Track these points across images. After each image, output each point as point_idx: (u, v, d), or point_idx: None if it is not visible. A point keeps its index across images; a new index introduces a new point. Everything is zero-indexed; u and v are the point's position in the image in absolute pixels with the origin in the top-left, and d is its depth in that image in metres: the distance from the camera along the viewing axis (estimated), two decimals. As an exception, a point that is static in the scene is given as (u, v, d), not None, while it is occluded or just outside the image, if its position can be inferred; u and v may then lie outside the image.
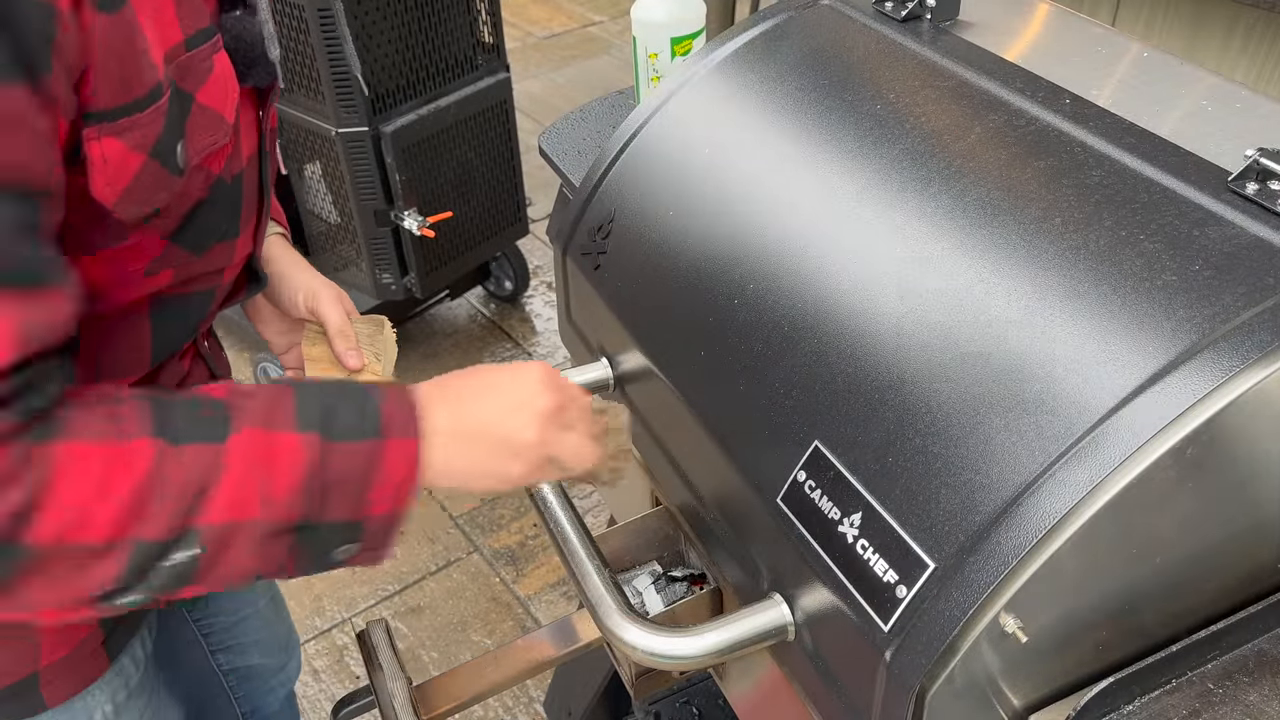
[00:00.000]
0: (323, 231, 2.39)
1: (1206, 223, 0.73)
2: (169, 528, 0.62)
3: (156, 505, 0.61)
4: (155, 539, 0.61)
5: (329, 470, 0.66)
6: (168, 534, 0.62)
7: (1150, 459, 0.63)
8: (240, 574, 0.66)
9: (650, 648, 0.80)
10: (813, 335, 0.83)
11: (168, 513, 0.61)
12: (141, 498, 0.61)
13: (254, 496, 0.64)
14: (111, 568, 0.61)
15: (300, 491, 0.65)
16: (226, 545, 0.64)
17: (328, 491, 0.66)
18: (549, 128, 1.44)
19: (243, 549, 0.65)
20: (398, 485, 0.69)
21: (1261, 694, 0.73)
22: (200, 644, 1.16)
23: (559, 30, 4.57)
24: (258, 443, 0.65)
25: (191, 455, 0.63)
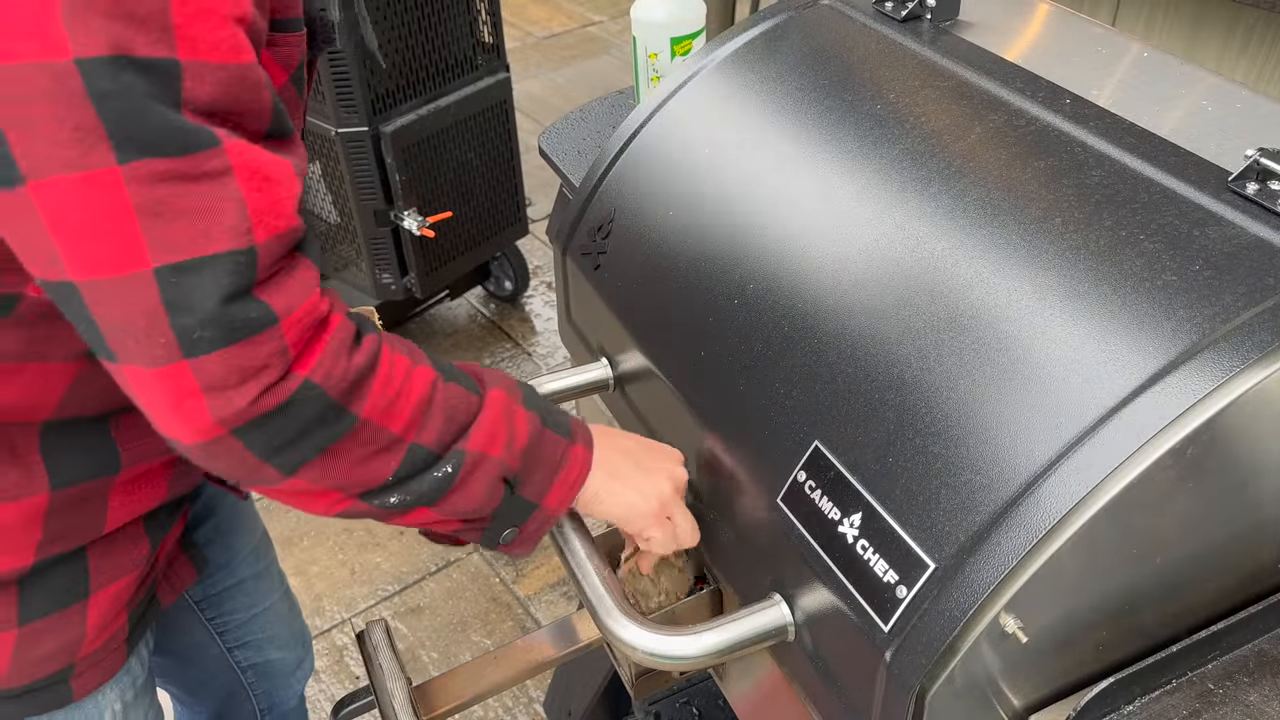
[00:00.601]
0: (322, 231, 2.39)
1: (1206, 223, 0.73)
2: (440, 441, 0.72)
3: (433, 418, 0.72)
4: (429, 447, 0.72)
5: (540, 447, 0.78)
6: (438, 445, 0.72)
7: (1150, 459, 0.63)
8: (469, 506, 0.76)
9: (650, 648, 0.80)
10: (813, 335, 0.83)
11: (440, 428, 0.72)
12: (425, 408, 0.71)
13: (501, 438, 0.76)
14: (392, 462, 0.70)
15: (527, 450, 0.77)
16: (475, 470, 0.74)
17: (535, 462, 0.78)
18: (549, 128, 1.44)
19: (481, 481, 0.75)
20: (570, 484, 0.81)
21: (1261, 694, 0.73)
22: (216, 641, 1.18)
23: (559, 30, 4.57)
24: (505, 401, 0.77)
25: (457, 392, 0.74)
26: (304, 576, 2.23)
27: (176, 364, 0.60)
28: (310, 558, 2.27)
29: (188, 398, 0.61)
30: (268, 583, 1.21)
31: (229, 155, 0.59)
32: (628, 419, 1.08)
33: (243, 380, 0.62)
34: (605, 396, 1.11)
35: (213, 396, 0.61)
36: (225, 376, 0.61)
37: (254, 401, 0.62)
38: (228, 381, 0.61)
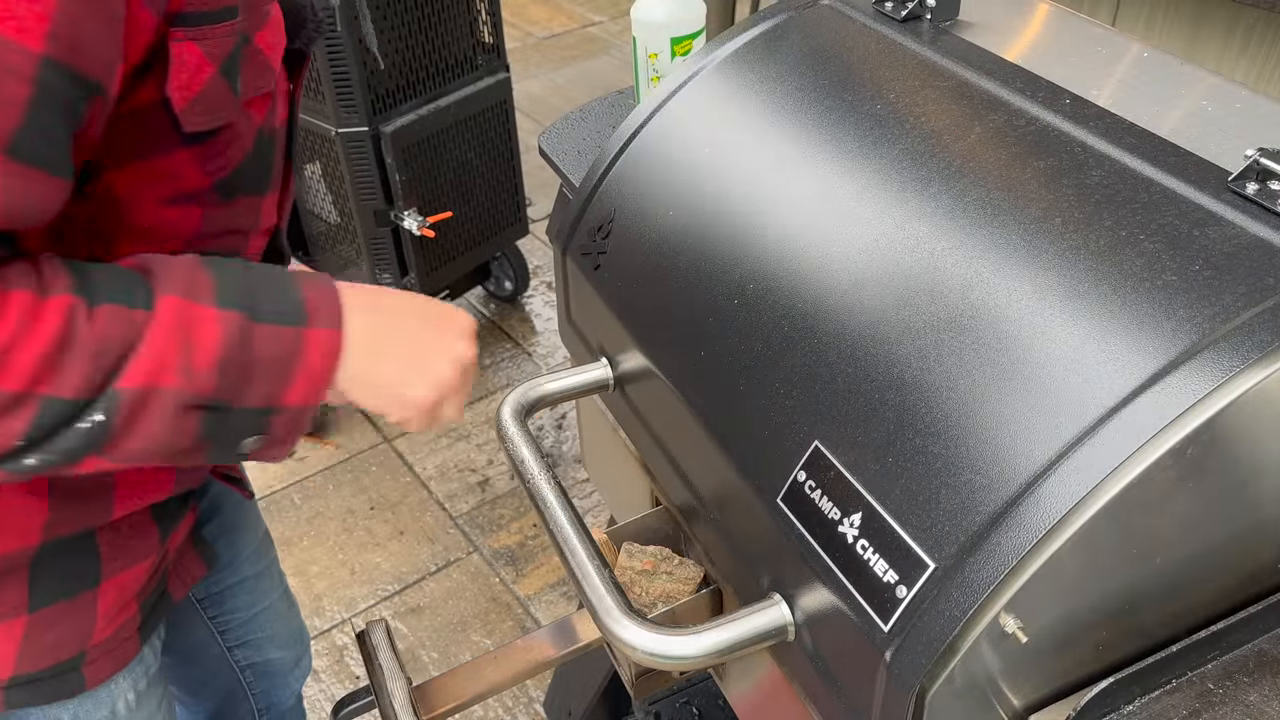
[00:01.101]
0: (323, 231, 2.39)
1: (1206, 223, 0.73)
2: (83, 387, 0.61)
3: (71, 362, 0.60)
4: (68, 397, 0.60)
5: (251, 350, 0.66)
6: (82, 393, 0.61)
7: (1150, 459, 0.63)
8: (148, 447, 0.65)
9: (650, 648, 0.80)
10: (813, 335, 0.83)
11: (82, 371, 0.60)
12: (56, 352, 0.59)
13: (174, 364, 0.63)
14: (19, 423, 0.60)
15: (220, 366, 0.65)
16: (139, 412, 0.63)
17: (248, 372, 0.66)
18: (549, 128, 1.44)
19: (155, 418, 0.64)
20: (315, 376, 0.69)
21: (1261, 694, 0.73)
22: (217, 640, 1.18)
23: (559, 30, 4.57)
24: (179, 311, 0.64)
25: (108, 315, 0.61)
26: (304, 576, 2.23)
27: None
28: (310, 558, 2.27)
29: None
30: (268, 581, 1.21)
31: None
32: (628, 419, 1.08)
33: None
34: (605, 396, 1.11)
35: None
36: None
37: None
38: None
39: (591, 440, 1.39)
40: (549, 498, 0.95)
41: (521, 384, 1.05)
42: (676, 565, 1.04)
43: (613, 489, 1.35)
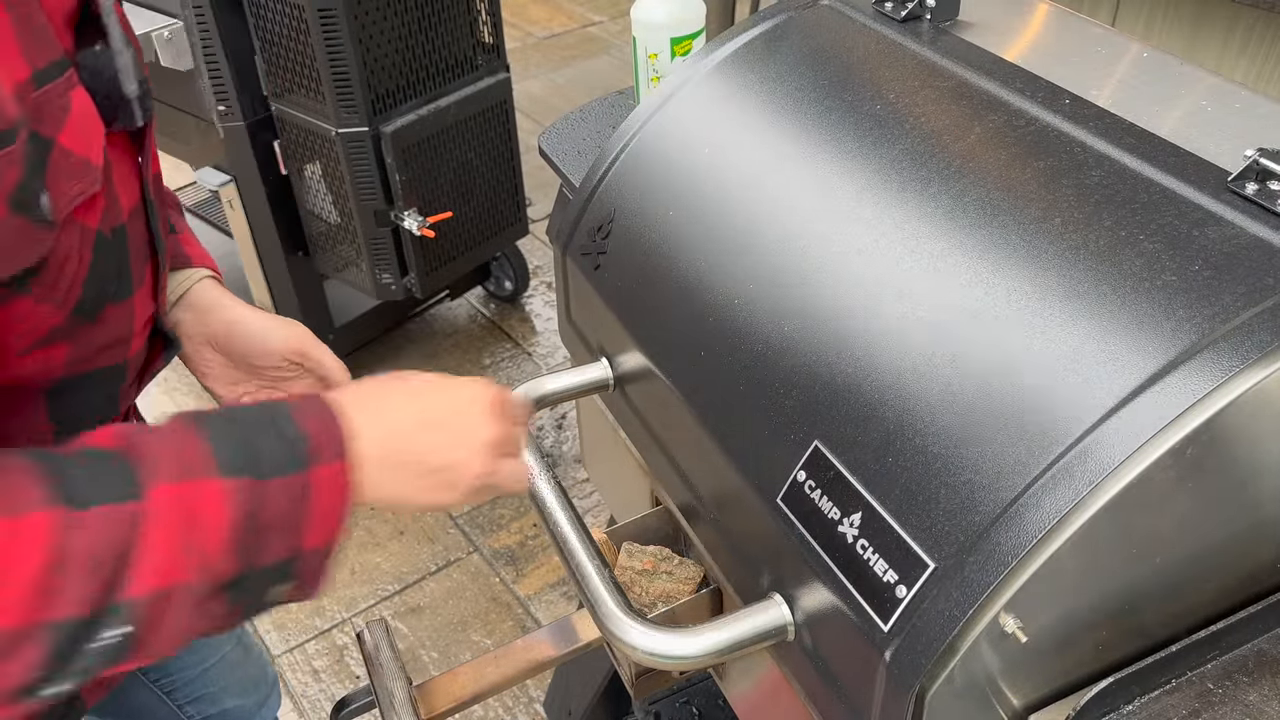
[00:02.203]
0: (323, 231, 2.38)
1: (1206, 223, 0.73)
2: (88, 605, 0.55)
3: (67, 582, 0.54)
4: (74, 618, 0.55)
5: (264, 513, 0.60)
6: (88, 612, 0.55)
7: (1150, 459, 0.63)
8: (180, 639, 0.61)
9: (650, 648, 0.80)
10: (813, 335, 0.83)
11: (83, 589, 0.54)
12: (47, 576, 0.53)
13: (183, 558, 0.58)
14: (30, 656, 0.54)
15: (235, 544, 0.59)
16: (161, 615, 0.58)
17: (263, 535, 0.61)
18: (549, 128, 1.44)
19: (179, 615, 0.59)
20: (329, 514, 0.64)
21: (1261, 694, 0.73)
22: (165, 702, 1.09)
23: (559, 30, 4.57)
24: (177, 499, 0.58)
25: (96, 525, 0.55)
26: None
27: None
28: (310, 558, 2.27)
29: None
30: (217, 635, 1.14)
31: None
32: (628, 419, 1.08)
33: None
34: (605, 396, 1.11)
35: None
36: None
37: None
38: None
39: (591, 440, 1.39)
40: (549, 498, 0.96)
41: (521, 384, 1.05)
42: (676, 565, 1.04)
43: (613, 489, 1.35)
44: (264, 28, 2.08)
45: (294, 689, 2.03)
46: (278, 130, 2.24)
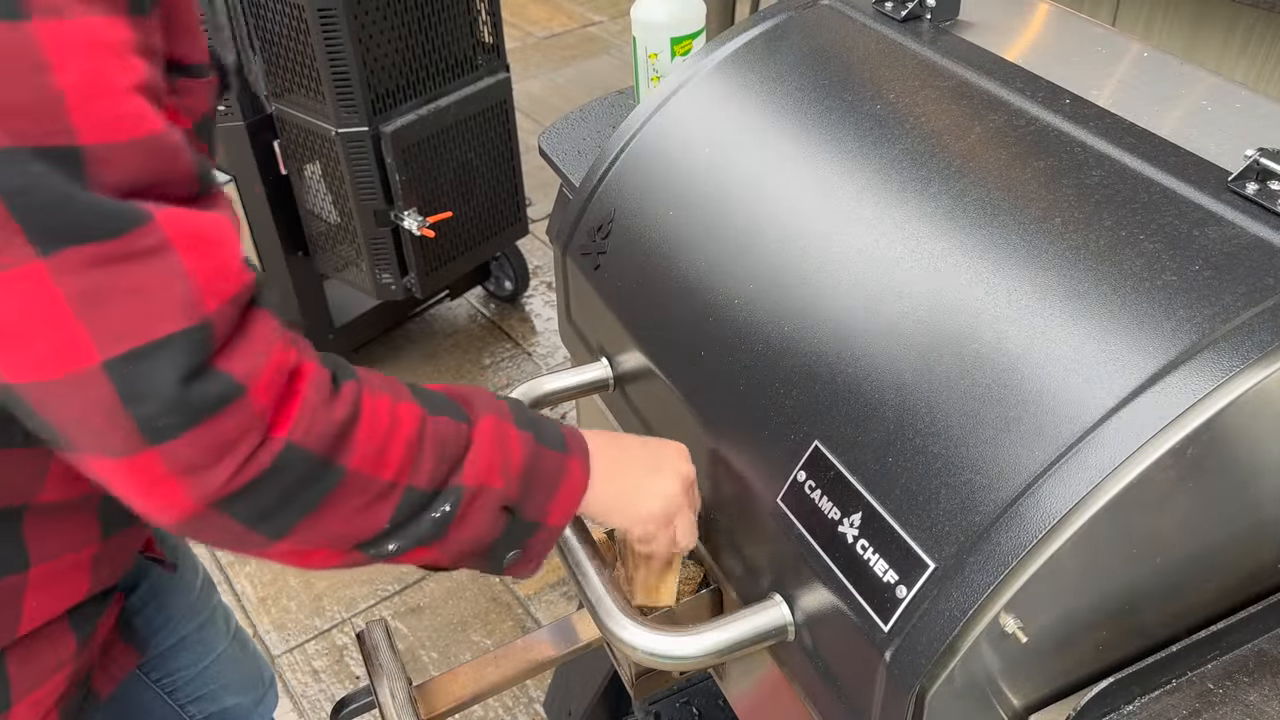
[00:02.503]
0: (323, 231, 2.38)
1: (1206, 223, 0.73)
2: (434, 479, 0.69)
3: (425, 458, 0.68)
4: (424, 488, 0.68)
5: (539, 465, 0.75)
6: (433, 484, 0.69)
7: (1150, 459, 0.63)
8: (471, 539, 0.73)
9: (650, 648, 0.80)
10: (813, 335, 0.83)
11: (432, 467, 0.68)
12: (416, 448, 0.67)
13: (498, 468, 0.72)
14: (388, 509, 0.67)
15: (523, 474, 0.74)
16: (473, 505, 0.71)
17: (536, 484, 0.75)
18: (549, 128, 1.44)
19: (483, 513, 0.72)
20: (571, 498, 0.78)
21: (1261, 694, 0.73)
22: (167, 701, 1.11)
23: (559, 30, 4.57)
24: (496, 426, 0.74)
25: (446, 425, 0.70)
26: (304, 576, 2.23)
27: (143, 453, 0.57)
28: (310, 558, 2.27)
29: (160, 482, 0.58)
30: (212, 631, 1.14)
31: (163, 228, 0.55)
32: (628, 419, 1.08)
33: (219, 457, 0.58)
34: (605, 396, 1.11)
35: (188, 478, 0.58)
36: (199, 457, 0.58)
37: (234, 475, 0.59)
38: (203, 461, 0.58)
39: (591, 440, 1.38)
40: (549, 498, 0.95)
41: (521, 384, 1.05)
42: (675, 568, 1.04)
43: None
44: (264, 28, 2.08)
45: (294, 689, 2.03)
46: (278, 130, 2.24)
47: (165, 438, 0.57)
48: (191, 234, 0.57)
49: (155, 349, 0.55)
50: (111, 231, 0.54)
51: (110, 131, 0.54)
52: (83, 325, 0.54)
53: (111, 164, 0.54)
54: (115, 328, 0.55)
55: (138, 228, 0.55)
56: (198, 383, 0.57)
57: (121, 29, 0.55)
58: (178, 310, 0.56)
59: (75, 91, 0.52)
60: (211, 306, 0.57)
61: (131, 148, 0.55)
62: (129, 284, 0.55)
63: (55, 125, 0.52)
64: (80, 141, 0.53)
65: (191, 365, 0.57)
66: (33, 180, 0.52)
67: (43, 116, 0.52)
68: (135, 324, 0.55)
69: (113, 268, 0.54)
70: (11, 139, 0.51)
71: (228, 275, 0.59)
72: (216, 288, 0.58)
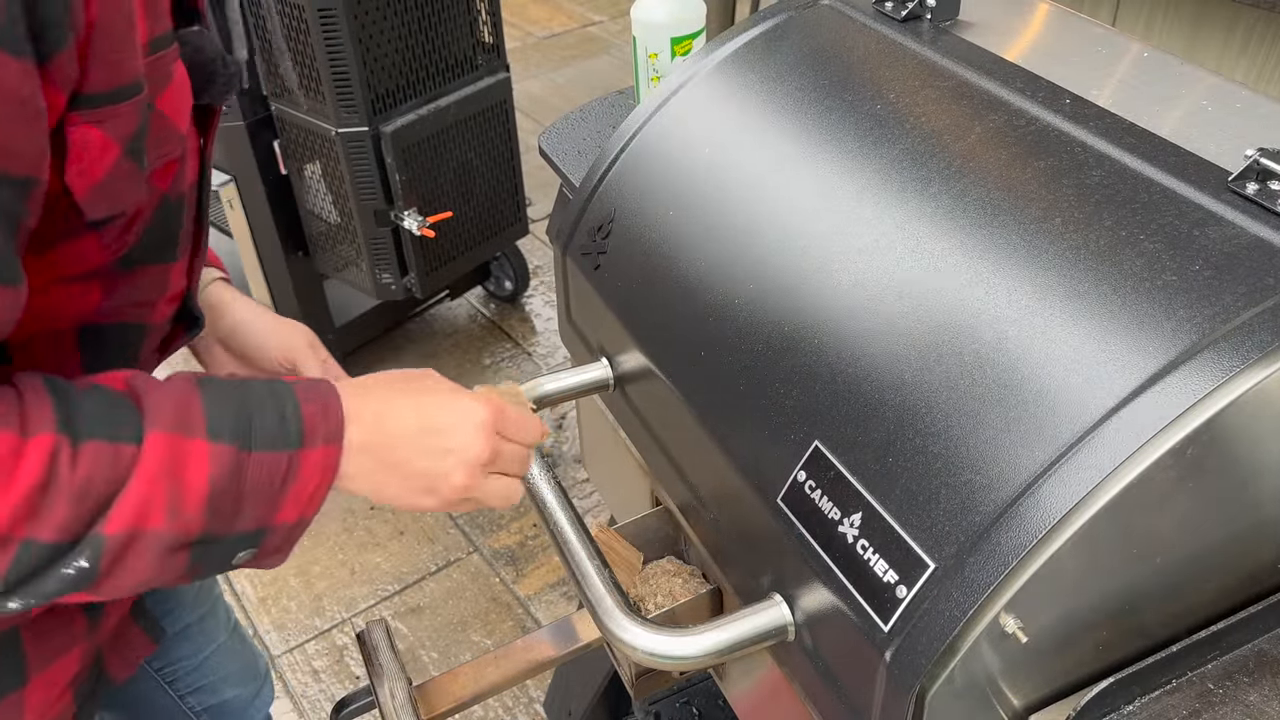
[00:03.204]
0: (323, 231, 2.38)
1: (1206, 223, 0.73)
2: (65, 530, 0.58)
3: (54, 505, 0.58)
4: (50, 541, 0.58)
5: (242, 482, 0.63)
6: (64, 536, 0.58)
7: (1150, 459, 0.63)
8: (135, 583, 0.63)
9: (650, 648, 0.80)
10: (813, 335, 0.83)
11: (64, 514, 0.58)
12: (38, 495, 0.57)
13: (161, 506, 0.61)
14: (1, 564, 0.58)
15: (209, 504, 0.62)
16: (124, 555, 0.61)
17: (238, 504, 0.64)
18: (549, 128, 1.44)
19: (142, 559, 0.62)
20: (310, 494, 0.67)
21: (1262, 694, 0.73)
22: (166, 690, 1.12)
23: (559, 30, 4.57)
24: (168, 448, 0.61)
25: (92, 454, 0.59)
26: (304, 576, 2.23)
27: None
28: (311, 558, 2.27)
29: None
30: (213, 623, 1.15)
31: None
32: (628, 419, 1.08)
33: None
34: (605, 396, 1.11)
35: None
36: None
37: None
38: None
39: (591, 440, 1.39)
40: (549, 498, 0.96)
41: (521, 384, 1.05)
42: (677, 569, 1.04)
43: (613, 489, 1.35)
44: (264, 28, 2.08)
45: (294, 689, 2.03)
46: (278, 130, 2.24)
47: None
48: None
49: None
50: None
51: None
52: None
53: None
54: None
55: None
56: None
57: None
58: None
59: None
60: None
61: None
62: None
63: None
64: None
65: None
66: None
67: None
68: None
69: None
70: None
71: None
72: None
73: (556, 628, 1.11)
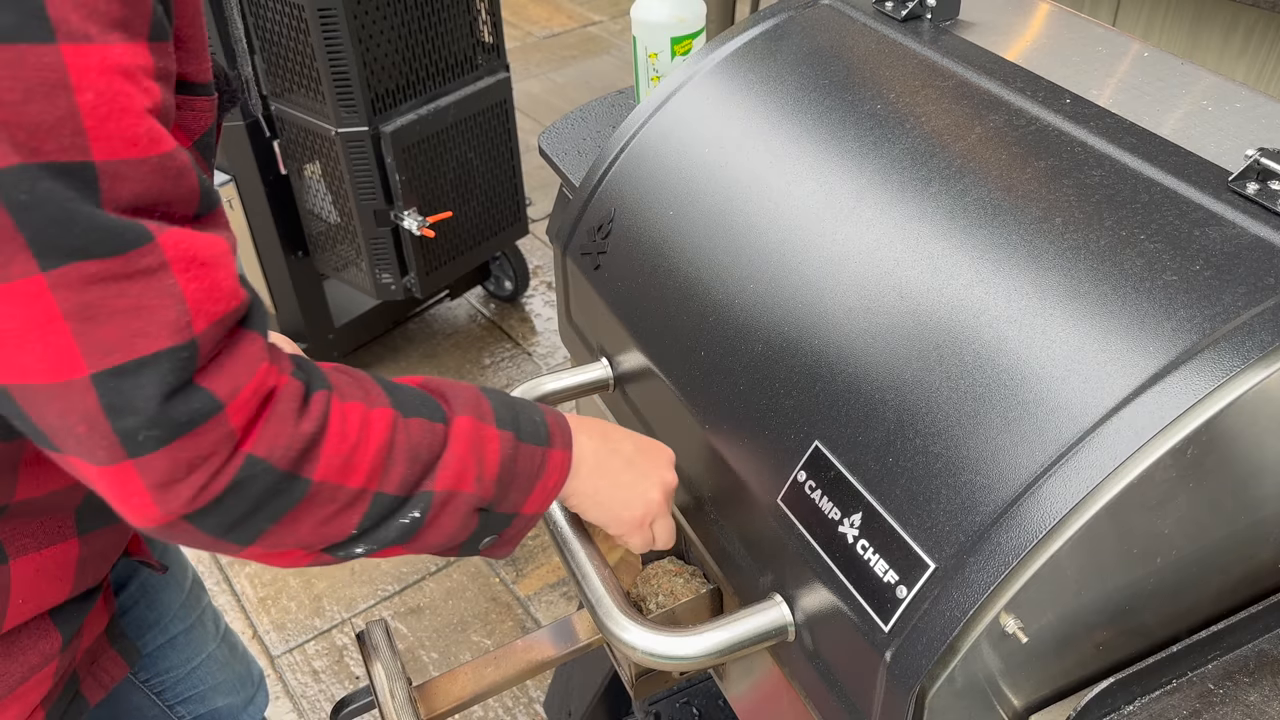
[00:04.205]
0: (323, 231, 2.38)
1: (1207, 223, 0.73)
2: (405, 485, 0.69)
3: (395, 464, 0.68)
4: (393, 494, 0.69)
5: (516, 465, 0.76)
6: (403, 490, 0.69)
7: (1150, 459, 0.63)
8: (441, 540, 0.74)
9: (650, 648, 0.80)
10: (813, 335, 0.83)
11: (404, 472, 0.69)
12: (386, 455, 0.68)
13: (471, 472, 0.72)
14: (356, 516, 0.68)
15: (499, 477, 0.74)
16: (444, 510, 0.72)
17: (511, 483, 0.76)
18: (549, 128, 1.44)
19: (454, 517, 0.73)
20: (550, 489, 0.79)
21: (1262, 694, 0.73)
22: (155, 702, 1.12)
23: (559, 30, 4.57)
24: (473, 428, 0.74)
25: (419, 428, 0.70)
26: (304, 576, 2.23)
27: (121, 464, 0.59)
28: (310, 558, 2.27)
29: (135, 494, 0.60)
30: (201, 632, 1.15)
31: (163, 248, 0.57)
32: (628, 419, 1.08)
33: (189, 472, 0.60)
34: (605, 396, 1.11)
35: (159, 492, 0.60)
36: (171, 471, 0.59)
37: (200, 490, 0.60)
38: (174, 476, 0.59)
39: (591, 440, 1.38)
40: (549, 498, 0.95)
41: (521, 384, 1.05)
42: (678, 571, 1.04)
43: None
44: (264, 27, 2.08)
45: (294, 689, 2.03)
46: (277, 130, 2.24)
47: (143, 451, 0.58)
48: (188, 255, 0.59)
49: (141, 365, 0.57)
50: (114, 249, 0.55)
51: (123, 149, 0.55)
52: (75, 338, 0.56)
53: (122, 180, 0.55)
54: (106, 343, 0.56)
55: (139, 247, 0.56)
56: (179, 399, 0.58)
57: (142, 54, 0.56)
58: (168, 330, 0.58)
59: (93, 111, 0.54)
60: (200, 327, 0.59)
61: (142, 166, 0.56)
62: (124, 303, 0.56)
63: (72, 142, 0.53)
64: (95, 158, 0.54)
65: (175, 382, 0.58)
66: (41, 196, 0.53)
67: (61, 133, 0.53)
68: (125, 341, 0.57)
69: (110, 285, 0.56)
70: (26, 155, 0.52)
71: (219, 296, 0.60)
72: (207, 309, 0.59)
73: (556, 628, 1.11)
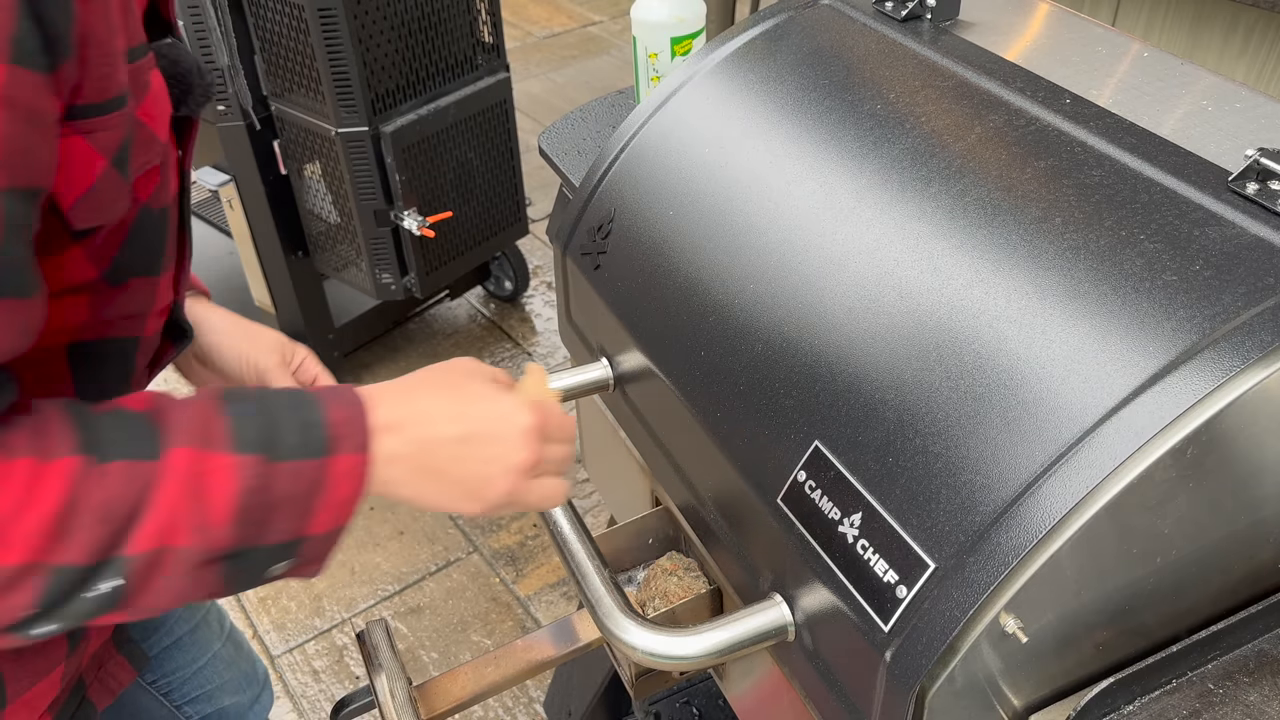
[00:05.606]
0: (323, 231, 2.38)
1: (1207, 223, 0.73)
2: (92, 553, 0.58)
3: (78, 529, 0.57)
4: (76, 564, 0.58)
5: (271, 493, 0.62)
6: (90, 559, 0.58)
7: (1150, 459, 0.63)
8: (168, 602, 0.63)
9: (650, 648, 0.80)
10: (813, 335, 0.83)
11: (90, 537, 0.58)
12: (61, 519, 0.57)
13: (185, 523, 0.60)
14: (26, 594, 0.57)
15: (237, 517, 0.61)
16: (152, 574, 0.60)
17: (268, 515, 0.63)
18: (549, 128, 1.44)
19: (171, 577, 0.61)
20: (342, 503, 0.66)
21: (1262, 694, 0.73)
22: (163, 702, 1.11)
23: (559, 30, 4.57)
24: (191, 463, 0.60)
25: (116, 474, 0.58)
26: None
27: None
28: (310, 558, 2.27)
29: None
30: (206, 632, 1.14)
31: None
32: (628, 419, 1.08)
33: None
34: (605, 396, 1.11)
35: None
36: None
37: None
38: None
39: (591, 440, 1.39)
40: (549, 498, 0.95)
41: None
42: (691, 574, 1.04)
43: (613, 489, 1.36)
44: (264, 27, 2.08)
45: (294, 689, 2.03)
46: (277, 130, 2.24)
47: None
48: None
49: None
50: None
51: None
52: None
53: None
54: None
55: None
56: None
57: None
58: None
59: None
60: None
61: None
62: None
63: None
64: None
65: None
66: None
67: None
68: None
69: None
70: None
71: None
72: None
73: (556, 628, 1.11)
